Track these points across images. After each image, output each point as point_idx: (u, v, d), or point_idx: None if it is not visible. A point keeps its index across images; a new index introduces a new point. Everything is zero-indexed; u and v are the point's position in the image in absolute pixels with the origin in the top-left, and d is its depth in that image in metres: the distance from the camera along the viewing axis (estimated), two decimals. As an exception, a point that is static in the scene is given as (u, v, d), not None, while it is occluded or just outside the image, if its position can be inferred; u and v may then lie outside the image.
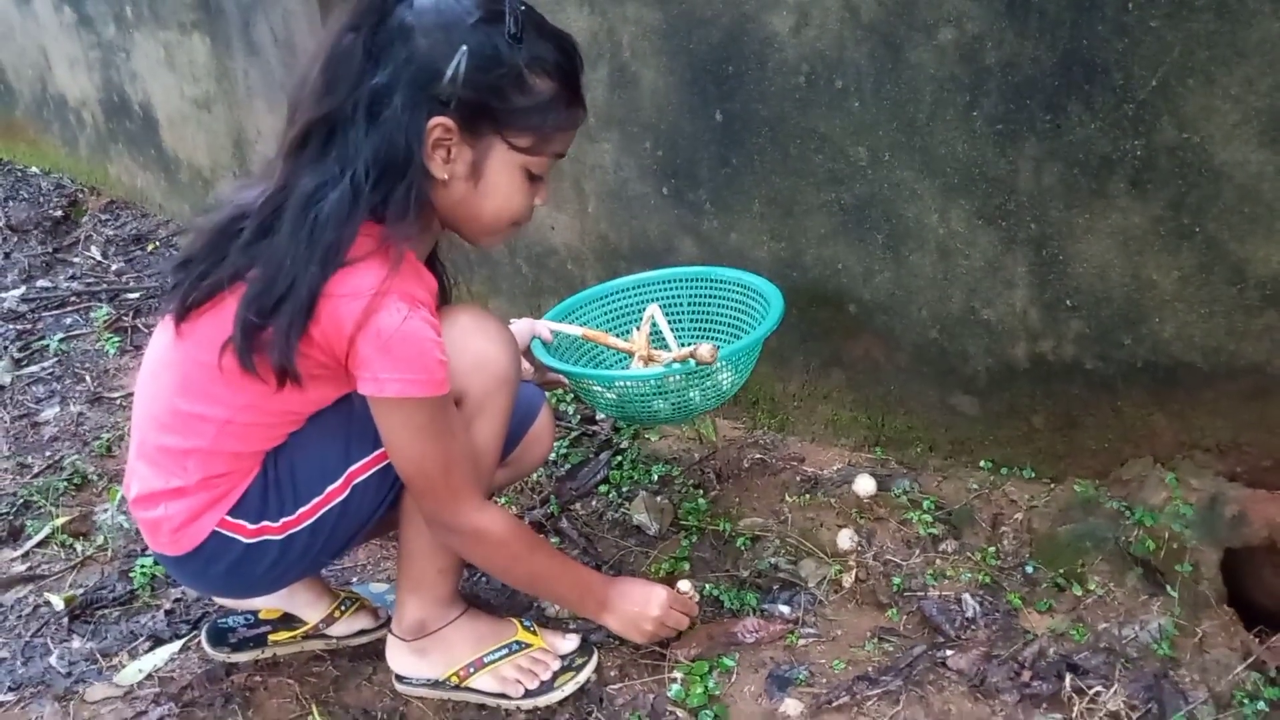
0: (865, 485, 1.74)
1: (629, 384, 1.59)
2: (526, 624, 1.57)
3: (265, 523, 1.36)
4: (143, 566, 1.85)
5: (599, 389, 1.61)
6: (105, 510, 2.09)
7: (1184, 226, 1.47)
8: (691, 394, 1.60)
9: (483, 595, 1.72)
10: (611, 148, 2.16)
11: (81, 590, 1.85)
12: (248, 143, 3.18)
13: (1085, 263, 1.58)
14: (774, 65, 1.82)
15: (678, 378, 1.55)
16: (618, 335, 1.78)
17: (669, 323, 1.83)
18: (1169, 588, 1.42)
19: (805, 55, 1.77)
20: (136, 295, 3.27)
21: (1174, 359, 1.54)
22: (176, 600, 1.80)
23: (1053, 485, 1.71)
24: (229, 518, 1.35)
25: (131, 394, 2.63)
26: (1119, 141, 1.49)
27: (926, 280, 1.76)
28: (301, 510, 1.37)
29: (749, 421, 2.14)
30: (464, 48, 1.19)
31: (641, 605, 1.51)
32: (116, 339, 2.95)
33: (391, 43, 1.20)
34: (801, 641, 1.54)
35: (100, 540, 1.99)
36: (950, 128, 1.64)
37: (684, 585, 1.60)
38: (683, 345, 1.79)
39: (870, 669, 1.46)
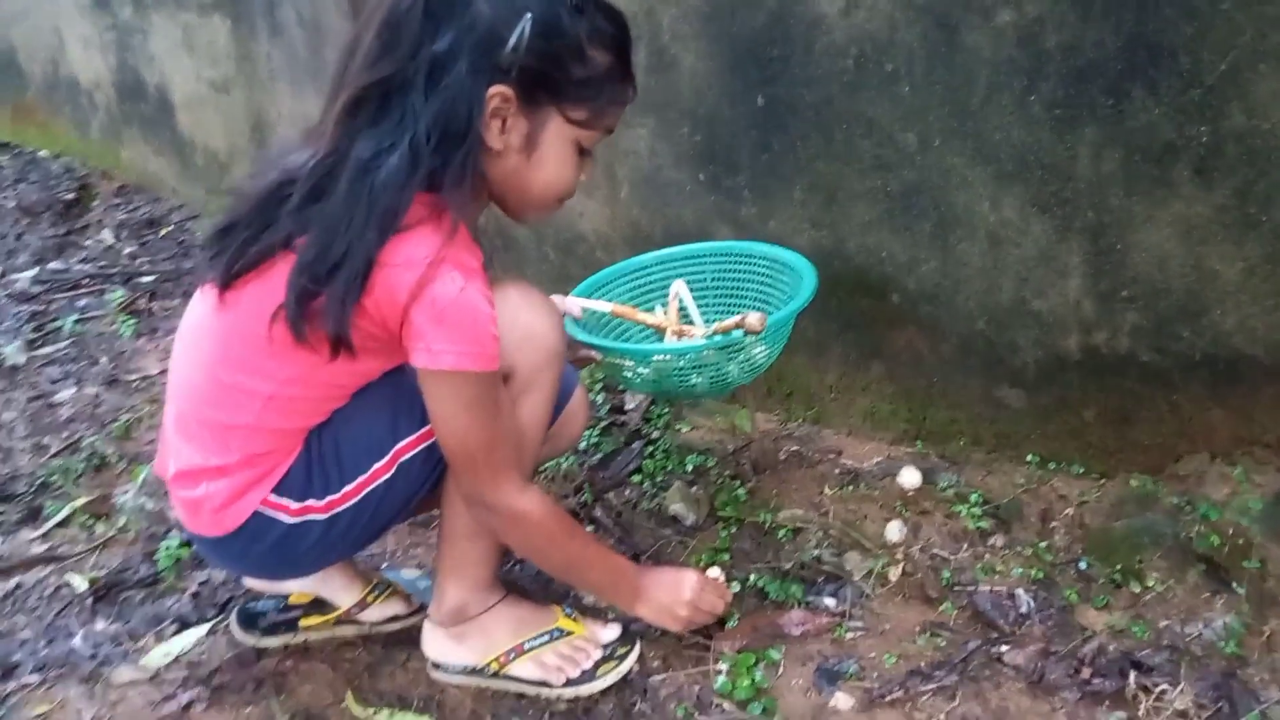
0: (910, 477, 1.71)
1: (667, 359, 1.55)
2: (568, 611, 1.53)
3: (310, 501, 1.33)
4: (168, 548, 1.81)
5: (632, 364, 1.57)
6: (126, 492, 2.05)
7: (1250, 216, 1.44)
8: (729, 367, 1.56)
9: (519, 583, 1.68)
10: (647, 133, 2.12)
11: (104, 572, 1.81)
12: (268, 125, 3.14)
13: (1144, 252, 1.54)
14: (821, 48, 1.78)
15: (714, 351, 1.52)
16: (644, 311, 1.75)
17: (694, 299, 1.79)
18: (1235, 585, 1.39)
19: (854, 37, 1.73)
20: (151, 278, 3.23)
21: (1235, 352, 1.51)
22: (202, 583, 1.76)
23: (1103, 480, 1.67)
24: (272, 497, 1.31)
25: (149, 376, 2.60)
26: (1184, 127, 1.45)
27: (975, 270, 1.73)
28: (346, 489, 1.33)
29: (783, 414, 2.11)
30: (528, 15, 1.17)
31: (674, 591, 1.47)
32: (133, 321, 2.91)
33: (453, 7, 1.17)
34: (849, 635, 1.50)
35: (122, 522, 1.95)
36: (1005, 113, 1.60)
37: (714, 572, 1.56)
38: (708, 321, 1.77)
39: (923, 663, 1.42)
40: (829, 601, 1.57)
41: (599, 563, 1.46)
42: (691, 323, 1.76)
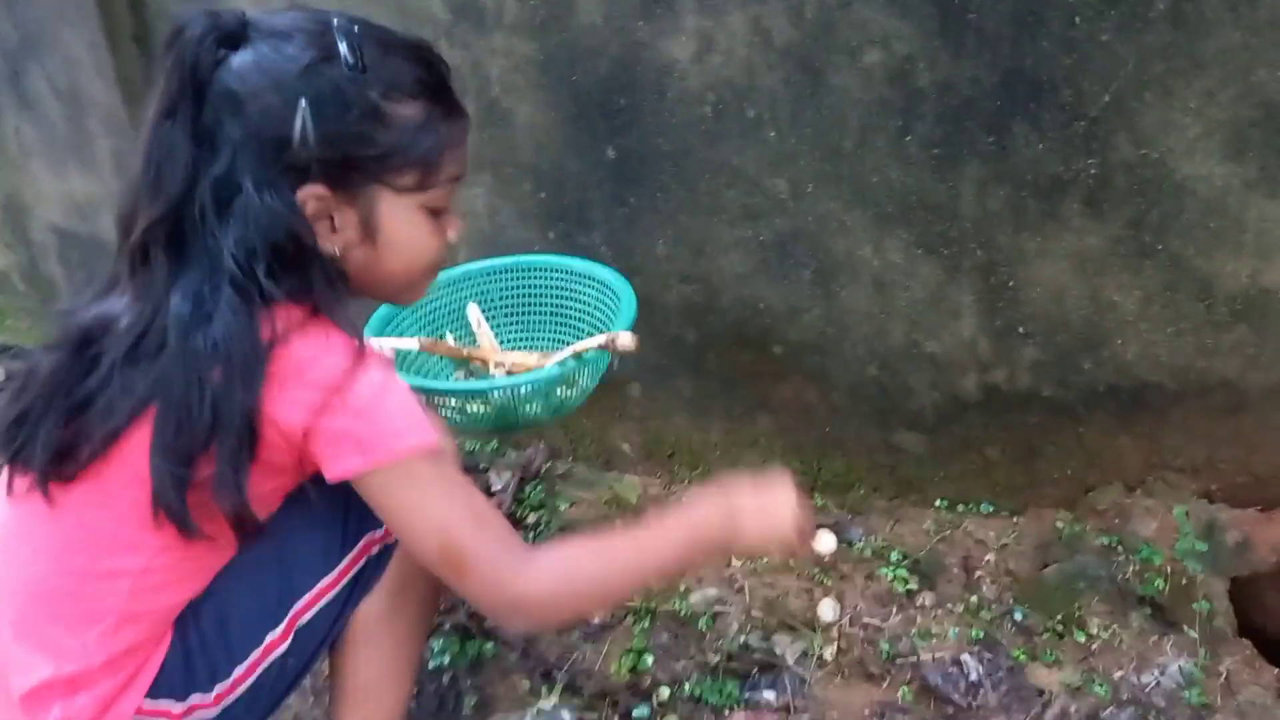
0: (826, 543, 1.60)
1: (504, 392, 1.41)
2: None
3: (195, 697, 1.10)
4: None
5: (459, 403, 1.40)
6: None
7: (1145, 245, 1.42)
8: (569, 391, 1.44)
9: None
10: (484, 191, 1.95)
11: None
12: (23, 208, 2.76)
13: (1038, 287, 1.50)
14: (674, 95, 1.66)
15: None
16: (454, 343, 1.62)
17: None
18: (1186, 627, 1.36)
19: (710, 84, 1.62)
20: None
21: (1139, 380, 1.49)
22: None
23: (1014, 518, 1.64)
24: (149, 703, 1.08)
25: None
26: (1070, 160, 1.42)
27: (861, 315, 1.66)
28: (238, 672, 1.11)
29: (666, 476, 1.99)
30: (302, 101, 0.97)
31: (773, 513, 1.19)
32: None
33: (219, 120, 0.97)
34: (798, 731, 1.40)
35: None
36: (881, 155, 1.53)
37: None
38: (501, 342, 1.66)
39: (885, 755, 1.34)
40: (768, 695, 1.46)
41: (670, 542, 1.13)
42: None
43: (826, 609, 1.53)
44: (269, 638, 1.12)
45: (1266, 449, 1.46)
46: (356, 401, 0.97)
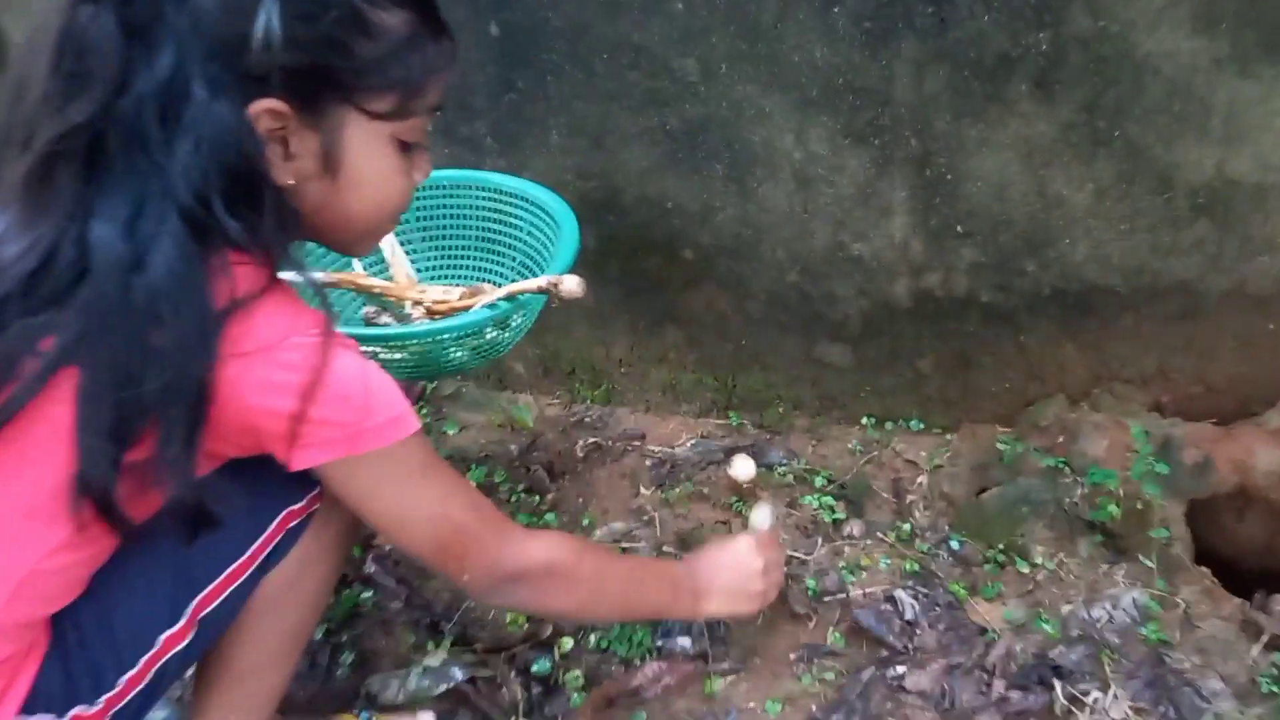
0: (744, 468, 1.46)
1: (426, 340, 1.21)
2: (364, 715, 1.21)
3: (78, 709, 0.90)
4: None
5: (382, 349, 1.21)
6: None
7: (1100, 131, 1.26)
8: (502, 334, 1.25)
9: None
10: (350, 77, 1.70)
11: None
12: None
13: (979, 181, 1.34)
14: (566, -40, 1.44)
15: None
16: (370, 276, 1.41)
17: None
18: (1140, 555, 1.24)
19: (608, -55, 1.40)
20: None
21: (1087, 283, 1.35)
22: None
23: (948, 435, 1.50)
24: (23, 718, 0.87)
25: None
26: (1019, 36, 1.24)
27: (781, 215, 1.48)
28: (130, 674, 0.92)
29: (566, 396, 1.80)
30: None
31: (737, 569, 1.17)
32: None
33: (159, 9, 0.77)
34: (719, 682, 1.26)
35: None
36: (805, 30, 1.34)
37: (761, 516, 1.28)
38: (419, 271, 1.46)
39: (815, 707, 1.20)
40: (683, 642, 1.31)
41: (649, 574, 1.18)
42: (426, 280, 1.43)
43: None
44: (167, 635, 0.94)
45: (1223, 357, 1.34)
46: (340, 387, 0.84)
